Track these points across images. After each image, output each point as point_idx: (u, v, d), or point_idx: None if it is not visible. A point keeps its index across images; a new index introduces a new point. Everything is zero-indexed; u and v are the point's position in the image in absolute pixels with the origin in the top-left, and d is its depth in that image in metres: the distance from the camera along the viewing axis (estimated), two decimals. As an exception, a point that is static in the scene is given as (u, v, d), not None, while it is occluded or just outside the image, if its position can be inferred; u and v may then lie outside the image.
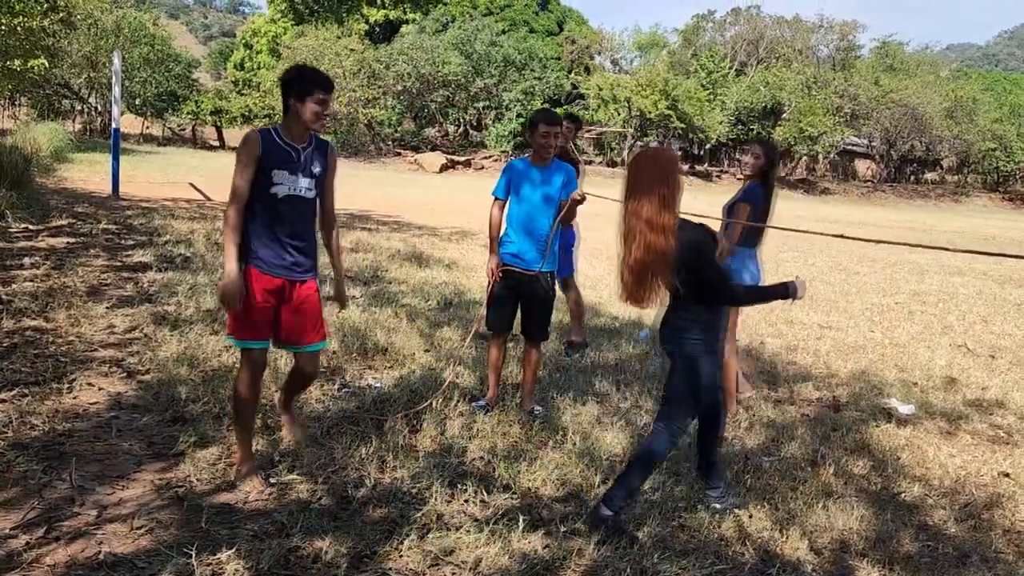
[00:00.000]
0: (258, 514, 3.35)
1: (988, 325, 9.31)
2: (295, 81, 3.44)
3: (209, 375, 4.92)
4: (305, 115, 3.43)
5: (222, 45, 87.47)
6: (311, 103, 3.40)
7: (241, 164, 3.42)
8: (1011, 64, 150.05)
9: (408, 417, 4.47)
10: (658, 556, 3.23)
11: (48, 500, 3.30)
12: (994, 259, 17.03)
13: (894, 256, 16.70)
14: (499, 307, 4.84)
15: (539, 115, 4.73)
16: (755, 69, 56.55)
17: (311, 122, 3.45)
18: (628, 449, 4.36)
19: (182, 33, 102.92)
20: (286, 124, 3.50)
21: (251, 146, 3.42)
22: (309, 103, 3.41)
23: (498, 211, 4.82)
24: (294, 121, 3.46)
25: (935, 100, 49.96)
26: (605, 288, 9.61)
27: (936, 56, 64.22)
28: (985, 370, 7.01)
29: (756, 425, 5.00)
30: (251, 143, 3.43)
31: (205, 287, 7.21)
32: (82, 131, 38.76)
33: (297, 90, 3.42)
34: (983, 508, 4.06)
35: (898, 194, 52.04)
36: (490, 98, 47.76)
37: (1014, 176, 57.50)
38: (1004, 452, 4.94)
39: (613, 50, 61.12)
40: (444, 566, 3.07)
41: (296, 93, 3.42)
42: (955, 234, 24.33)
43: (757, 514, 3.71)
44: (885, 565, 3.37)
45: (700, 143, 52.83)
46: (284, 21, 54.69)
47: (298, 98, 3.41)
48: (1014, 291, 12.43)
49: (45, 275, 7.27)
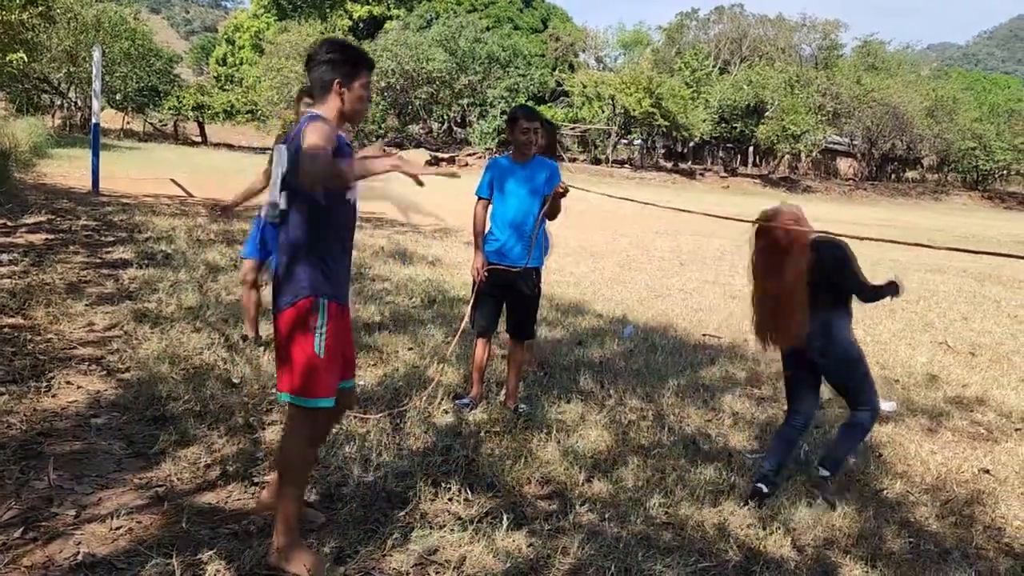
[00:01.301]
0: (239, 514, 3.31)
1: (968, 322, 9.40)
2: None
3: (190, 373, 4.87)
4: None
5: (204, 40, 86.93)
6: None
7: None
8: (991, 64, 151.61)
9: (392, 416, 4.44)
10: (642, 554, 3.23)
11: (25, 500, 3.25)
12: (973, 257, 17.20)
13: (877, 254, 16.81)
14: (484, 306, 4.82)
15: (518, 111, 4.72)
16: (738, 67, 56.84)
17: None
18: (613, 447, 4.36)
19: (163, 28, 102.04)
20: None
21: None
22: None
23: (482, 210, 4.79)
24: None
25: (916, 99, 50.44)
26: (589, 285, 9.63)
27: (917, 56, 64.97)
28: (965, 367, 7.07)
29: (740, 423, 5.02)
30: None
31: (186, 284, 7.15)
32: (62, 126, 38.42)
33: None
34: (964, 504, 4.09)
35: (879, 192, 52.47)
36: (474, 95, 47.73)
37: (993, 175, 58.18)
38: (984, 448, 4.98)
39: (597, 48, 61.29)
40: (428, 565, 3.05)
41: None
42: (935, 232, 24.56)
43: (740, 511, 3.72)
44: (868, 562, 3.39)
45: (684, 141, 53.04)
46: (267, 16, 54.42)
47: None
48: (993, 288, 12.56)
49: (23, 272, 7.18)
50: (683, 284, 10.46)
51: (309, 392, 2.85)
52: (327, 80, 2.89)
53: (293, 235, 2.86)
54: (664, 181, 46.76)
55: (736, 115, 51.26)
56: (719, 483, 4.02)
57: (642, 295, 9.33)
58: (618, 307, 8.35)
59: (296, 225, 2.85)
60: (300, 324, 2.84)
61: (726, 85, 51.86)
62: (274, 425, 4.21)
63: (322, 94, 2.91)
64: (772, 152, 53.50)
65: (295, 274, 2.85)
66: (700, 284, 10.52)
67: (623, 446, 4.41)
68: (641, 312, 8.23)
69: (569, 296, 8.67)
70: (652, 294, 9.48)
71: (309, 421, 2.94)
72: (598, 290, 9.37)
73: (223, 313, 6.32)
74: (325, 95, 2.91)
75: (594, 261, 11.95)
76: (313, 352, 2.84)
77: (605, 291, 9.36)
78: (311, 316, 2.84)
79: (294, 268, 2.86)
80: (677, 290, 9.95)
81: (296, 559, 2.87)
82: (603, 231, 16.39)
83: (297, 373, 2.85)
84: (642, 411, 5.05)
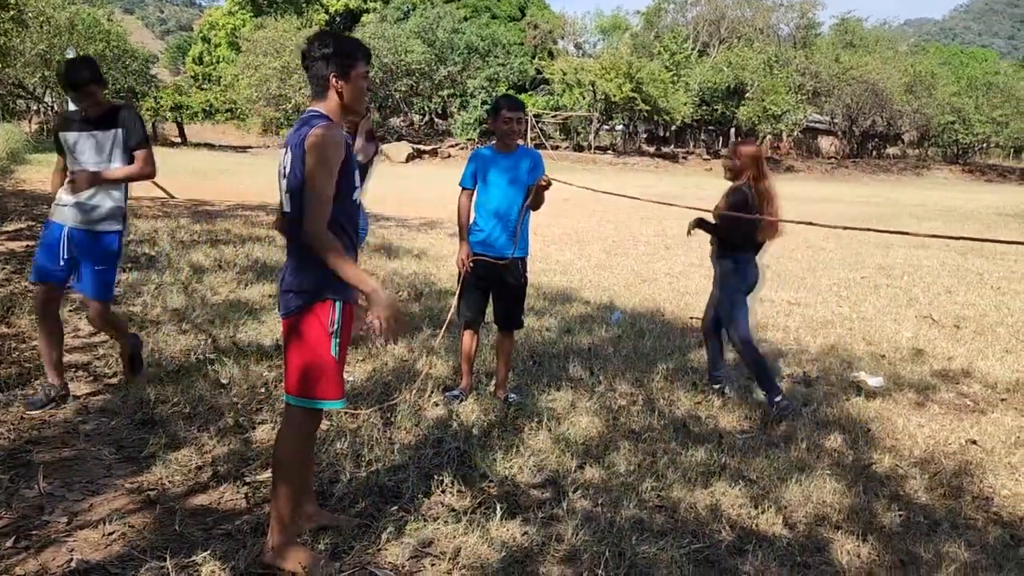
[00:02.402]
0: (233, 514, 3.31)
1: (952, 296, 9.48)
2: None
3: (177, 376, 4.85)
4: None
5: (180, 40, 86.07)
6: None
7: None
8: (967, 38, 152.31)
9: (382, 410, 4.44)
10: (636, 538, 3.25)
11: (16, 509, 3.23)
12: (956, 230, 17.31)
13: (861, 234, 16.90)
14: (470, 297, 4.82)
15: (501, 101, 4.71)
16: (717, 49, 56.83)
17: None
18: (604, 433, 4.38)
19: (138, 28, 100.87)
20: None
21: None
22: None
23: (466, 200, 4.78)
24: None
25: (894, 75, 50.57)
26: (576, 272, 9.64)
27: (894, 32, 65.07)
28: (950, 340, 7.14)
29: (729, 404, 5.05)
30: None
31: (171, 286, 7.11)
32: (38, 131, 37.92)
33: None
34: (952, 476, 4.14)
35: (861, 169, 52.68)
36: (454, 86, 47.52)
37: (972, 148, 58.50)
38: (971, 420, 5.04)
39: (576, 34, 61.09)
40: (423, 558, 3.06)
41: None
42: (917, 207, 24.70)
43: (732, 491, 3.75)
44: (859, 536, 3.42)
45: (665, 125, 53.03)
46: (242, 13, 53.91)
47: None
48: (976, 261, 12.66)
49: (6, 279, 7.12)
50: (669, 268, 10.49)
51: (322, 394, 2.85)
52: (323, 76, 2.84)
53: (302, 239, 2.81)
54: (647, 166, 46.76)
55: (717, 97, 51.26)
56: (710, 465, 4.04)
57: (628, 280, 9.36)
58: (605, 293, 8.36)
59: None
60: (316, 327, 2.82)
61: (706, 68, 51.83)
62: (264, 424, 4.20)
63: (320, 91, 2.87)
64: (753, 133, 53.56)
65: (309, 277, 2.82)
66: (686, 267, 10.56)
67: (614, 432, 4.43)
68: (628, 297, 8.25)
69: (556, 284, 8.68)
70: (638, 279, 9.50)
71: (309, 421, 2.94)
72: (584, 276, 9.38)
73: (209, 314, 6.29)
74: (324, 91, 2.86)
75: (579, 248, 11.96)
76: (329, 355, 2.83)
77: (591, 277, 9.37)
78: (327, 319, 2.82)
79: (306, 270, 2.83)
80: (663, 274, 9.98)
81: (291, 557, 2.87)
82: (588, 218, 16.39)
83: (311, 376, 2.83)
84: (632, 396, 5.07)
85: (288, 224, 2.89)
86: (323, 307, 2.82)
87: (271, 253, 9.22)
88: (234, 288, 7.36)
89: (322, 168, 2.72)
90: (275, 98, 42.62)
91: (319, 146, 2.71)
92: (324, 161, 2.72)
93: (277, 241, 10.22)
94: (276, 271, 8.03)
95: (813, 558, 3.26)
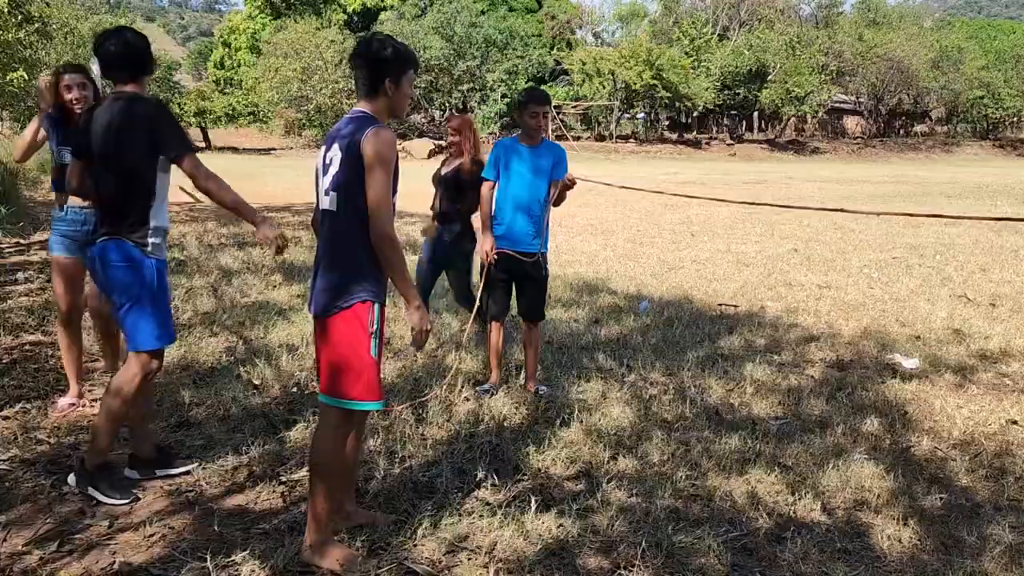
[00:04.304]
0: (270, 513, 3.34)
1: (987, 274, 9.30)
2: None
3: (210, 378, 4.90)
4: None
5: (201, 45, 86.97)
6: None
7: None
8: (994, 10, 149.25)
9: (414, 407, 4.46)
10: (672, 527, 3.23)
11: (59, 514, 3.29)
12: (988, 207, 17.00)
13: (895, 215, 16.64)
14: (495, 292, 4.83)
15: (527, 95, 4.70)
16: (738, 32, 56.20)
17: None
18: (636, 423, 4.36)
19: (160, 36, 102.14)
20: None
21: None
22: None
23: (489, 191, 4.78)
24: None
25: (920, 52, 49.73)
26: (602, 262, 9.60)
27: (918, 7, 63.91)
28: (986, 319, 7.01)
29: (763, 390, 5.00)
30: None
31: (201, 289, 7.18)
32: (66, 141, 38.48)
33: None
34: (993, 457, 4.06)
35: (888, 148, 51.93)
36: (474, 80, 47.47)
37: (1003, 123, 57.41)
38: (1011, 400, 4.94)
39: (594, 23, 60.83)
40: (459, 552, 3.06)
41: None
42: (947, 185, 24.29)
43: (768, 478, 3.71)
44: (899, 520, 3.38)
45: (687, 111, 52.63)
46: (261, 17, 54.28)
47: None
48: (1011, 238, 12.42)
49: (40, 289, 7.23)
50: (695, 255, 10.41)
51: (360, 395, 2.85)
52: (378, 78, 2.86)
53: (345, 238, 2.82)
54: (671, 153, 46.48)
55: (738, 81, 50.75)
56: (744, 452, 4.01)
57: (655, 269, 9.30)
58: (632, 283, 8.32)
59: (348, 228, 2.81)
60: (357, 328, 2.81)
61: (726, 51, 51.33)
62: (298, 423, 4.23)
63: (371, 92, 2.88)
64: (777, 116, 52.99)
65: (350, 277, 2.82)
66: (712, 254, 10.47)
67: (646, 421, 4.41)
68: (655, 286, 8.20)
69: (582, 274, 8.65)
70: (665, 267, 9.44)
71: (345, 422, 2.94)
72: (611, 267, 9.34)
73: (239, 316, 6.35)
74: (374, 93, 2.88)
75: (605, 238, 11.91)
76: (369, 355, 2.84)
77: (618, 267, 9.33)
78: (367, 318, 2.82)
79: (347, 271, 2.83)
80: (690, 261, 9.91)
81: (329, 554, 2.89)
82: (612, 208, 16.32)
83: (349, 377, 2.83)
84: (663, 385, 5.04)
85: (329, 221, 2.88)
86: (363, 307, 2.81)
87: (298, 254, 9.28)
88: (263, 290, 7.42)
89: (385, 170, 2.75)
90: (296, 99, 42.91)
91: (381, 149, 2.74)
92: (387, 163, 2.75)
93: (304, 241, 10.29)
94: (303, 272, 8.08)
95: (853, 543, 3.23)
